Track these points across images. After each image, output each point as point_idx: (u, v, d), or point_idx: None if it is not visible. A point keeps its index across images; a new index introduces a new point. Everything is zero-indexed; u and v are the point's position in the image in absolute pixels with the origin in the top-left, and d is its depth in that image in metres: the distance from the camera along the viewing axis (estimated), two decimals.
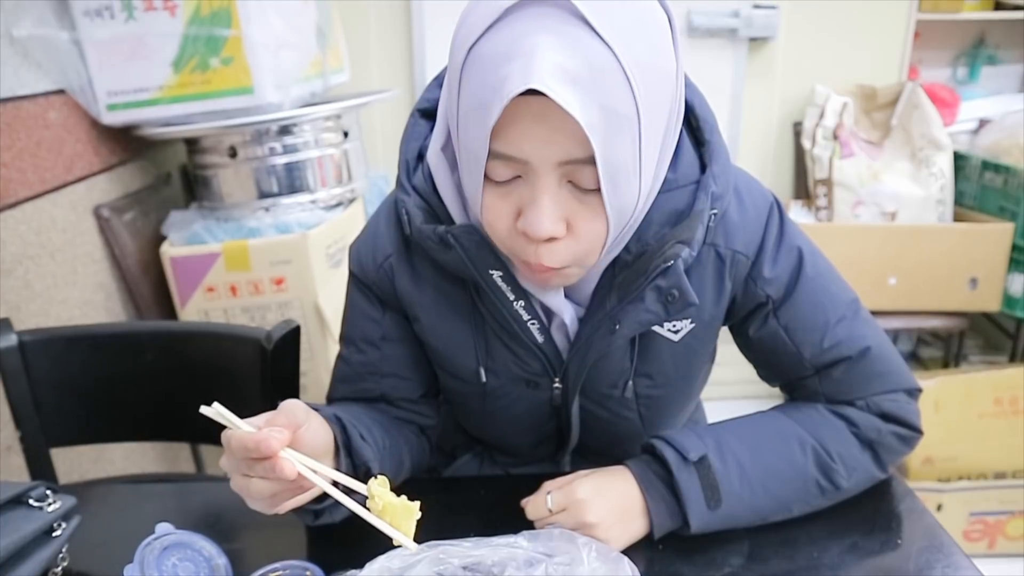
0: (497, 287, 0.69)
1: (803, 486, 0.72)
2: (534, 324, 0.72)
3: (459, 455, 0.93)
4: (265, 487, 0.59)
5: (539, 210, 0.58)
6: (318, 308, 1.58)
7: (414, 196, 0.70)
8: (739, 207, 0.72)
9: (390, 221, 0.77)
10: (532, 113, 0.54)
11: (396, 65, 2.21)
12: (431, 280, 0.75)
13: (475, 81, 0.56)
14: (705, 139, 0.69)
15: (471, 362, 0.77)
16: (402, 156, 0.72)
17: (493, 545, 0.64)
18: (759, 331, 0.76)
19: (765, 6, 2.18)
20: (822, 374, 0.76)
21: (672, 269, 0.65)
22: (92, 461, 1.44)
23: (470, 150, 0.59)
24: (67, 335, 1.08)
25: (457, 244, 0.66)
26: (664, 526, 0.71)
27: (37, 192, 1.32)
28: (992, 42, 2.40)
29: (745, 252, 0.72)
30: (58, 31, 1.40)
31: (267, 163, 1.58)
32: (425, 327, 0.78)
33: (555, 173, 0.57)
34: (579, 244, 0.61)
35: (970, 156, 2.14)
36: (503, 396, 0.79)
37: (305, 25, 1.61)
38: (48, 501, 0.67)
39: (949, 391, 1.84)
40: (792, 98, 2.31)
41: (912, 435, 0.76)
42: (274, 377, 1.00)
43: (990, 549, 1.88)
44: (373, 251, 0.77)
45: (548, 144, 0.56)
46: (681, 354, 0.76)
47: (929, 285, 2.03)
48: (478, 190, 0.61)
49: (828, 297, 0.75)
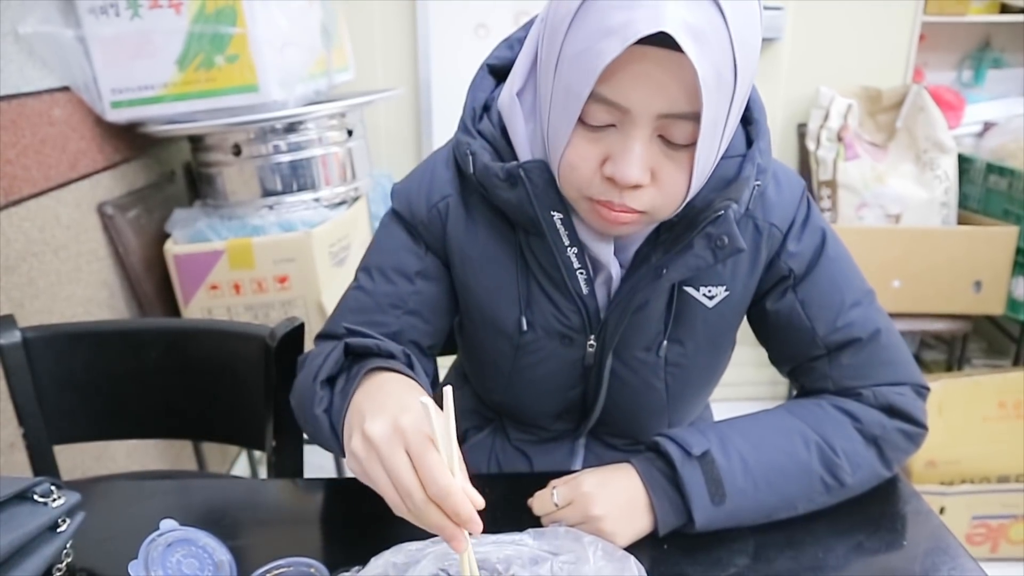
0: (556, 229, 0.70)
1: (808, 482, 0.72)
2: (582, 274, 0.73)
3: (470, 438, 0.93)
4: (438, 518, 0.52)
5: (630, 158, 0.60)
6: (321, 306, 1.58)
7: (479, 139, 0.73)
8: (776, 186, 0.76)
9: (449, 164, 0.78)
10: (646, 62, 0.56)
11: (400, 64, 2.21)
12: (484, 225, 0.77)
13: (591, 23, 0.57)
14: (754, 118, 0.72)
15: (513, 310, 0.78)
16: (468, 104, 0.75)
17: (499, 543, 0.64)
18: (776, 304, 0.78)
19: (771, 7, 2.18)
20: (832, 356, 0.77)
21: (723, 218, 0.67)
22: (95, 458, 1.44)
23: (570, 90, 0.60)
24: (71, 332, 1.08)
25: (527, 179, 0.68)
26: (669, 523, 0.70)
27: (41, 189, 1.32)
28: (997, 45, 2.40)
29: (780, 227, 0.76)
30: (63, 28, 1.40)
31: (271, 161, 1.58)
32: (471, 272, 0.78)
33: (651, 125, 0.60)
34: (661, 194, 0.63)
35: (975, 159, 2.13)
36: (536, 351, 0.80)
37: (310, 24, 1.61)
38: (53, 497, 0.67)
39: (953, 394, 1.83)
40: (797, 99, 2.31)
41: (917, 432, 0.76)
42: (277, 375, 1.00)
43: (993, 553, 1.88)
44: (428, 192, 0.78)
45: (654, 95, 0.58)
46: (713, 322, 0.79)
47: (933, 288, 2.02)
48: (567, 131, 0.62)
49: (845, 280, 0.78)
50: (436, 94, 2.22)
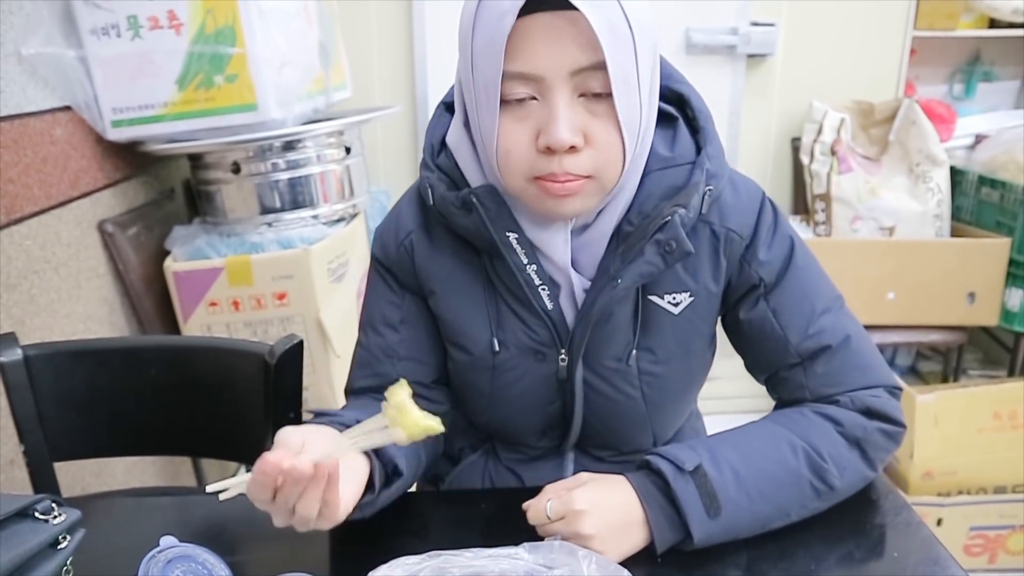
0: (512, 249, 0.74)
1: (798, 488, 0.73)
2: (544, 289, 0.76)
3: (465, 458, 0.94)
4: (306, 503, 0.61)
5: (558, 121, 0.64)
6: (320, 323, 1.59)
7: (437, 172, 0.78)
8: (733, 192, 0.78)
9: (412, 201, 0.84)
10: (540, 28, 0.63)
11: (398, 82, 2.24)
12: (448, 252, 0.81)
13: (490, 15, 0.63)
14: (700, 126, 0.76)
15: (485, 332, 0.81)
16: (427, 141, 0.81)
17: (494, 556, 0.65)
18: (749, 313, 0.80)
19: (763, 23, 2.21)
20: (806, 365, 0.79)
21: (669, 224, 0.71)
22: (94, 475, 1.45)
23: (487, 80, 0.65)
24: (71, 349, 1.09)
25: (478, 203, 0.72)
26: (665, 539, 0.71)
27: (42, 207, 1.34)
28: (987, 59, 2.42)
29: (739, 232, 0.78)
30: (65, 49, 1.42)
31: (270, 179, 1.60)
32: (441, 299, 0.82)
33: (568, 85, 0.64)
34: (599, 154, 0.67)
35: (967, 171, 2.15)
36: (512, 370, 0.82)
37: (308, 43, 1.63)
38: (53, 514, 0.67)
39: (948, 405, 1.84)
40: (790, 114, 2.33)
41: (896, 430, 0.78)
42: (276, 392, 1.01)
43: (991, 564, 1.88)
44: (395, 230, 0.83)
45: (559, 54, 0.63)
46: (681, 329, 0.80)
47: (927, 300, 2.03)
48: (494, 120, 0.66)
49: (814, 287, 0.80)
50: (433, 111, 2.24)
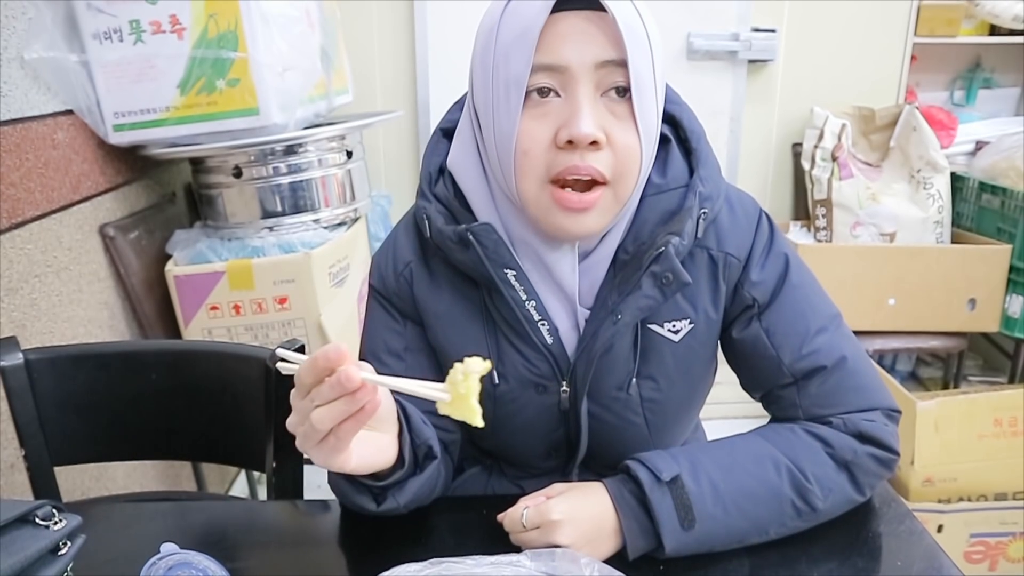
0: (511, 286, 0.73)
1: (778, 507, 0.72)
2: (544, 325, 0.75)
3: (467, 468, 0.94)
4: (326, 413, 0.56)
5: (581, 112, 0.65)
6: (321, 327, 1.59)
7: (435, 203, 0.76)
8: (730, 214, 0.77)
9: (409, 230, 0.82)
10: (571, 21, 0.65)
11: (399, 86, 2.24)
12: (447, 285, 0.79)
13: (515, 16, 0.66)
14: (692, 147, 0.75)
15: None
16: (424, 169, 0.79)
17: (496, 563, 0.65)
18: (742, 333, 0.79)
19: (764, 29, 2.21)
20: (800, 385, 0.77)
21: (664, 254, 0.70)
22: (94, 479, 1.45)
23: (511, 77, 0.66)
24: (72, 353, 1.09)
25: (475, 241, 0.71)
26: (637, 547, 0.71)
27: (44, 211, 1.34)
28: (988, 65, 2.43)
29: (737, 256, 0.77)
30: (67, 54, 1.42)
31: (271, 183, 1.60)
32: (439, 332, 0.80)
33: (592, 79, 0.66)
34: (617, 157, 0.67)
35: (967, 178, 2.15)
36: (513, 401, 0.81)
37: (310, 48, 1.63)
38: (54, 520, 0.67)
39: (949, 412, 1.84)
40: (791, 119, 2.34)
41: (889, 457, 0.76)
42: (278, 396, 1.00)
43: (992, 571, 1.87)
44: (393, 260, 0.82)
45: (585, 46, 0.65)
46: (682, 355, 0.79)
47: (928, 306, 2.03)
48: (515, 120, 0.67)
49: (810, 306, 0.78)
50: (435, 116, 2.25)
